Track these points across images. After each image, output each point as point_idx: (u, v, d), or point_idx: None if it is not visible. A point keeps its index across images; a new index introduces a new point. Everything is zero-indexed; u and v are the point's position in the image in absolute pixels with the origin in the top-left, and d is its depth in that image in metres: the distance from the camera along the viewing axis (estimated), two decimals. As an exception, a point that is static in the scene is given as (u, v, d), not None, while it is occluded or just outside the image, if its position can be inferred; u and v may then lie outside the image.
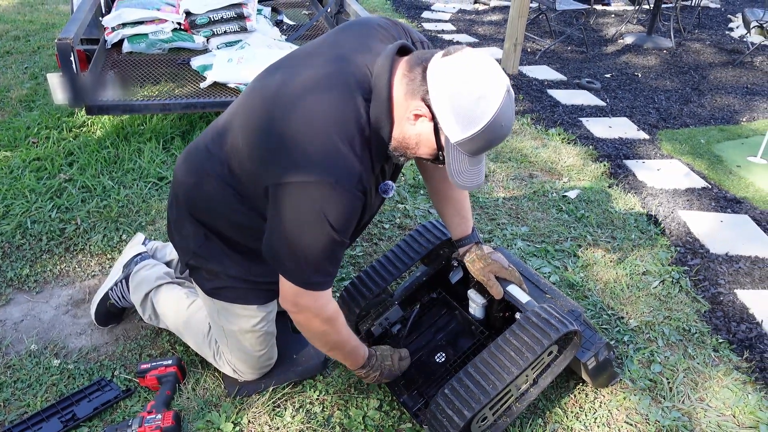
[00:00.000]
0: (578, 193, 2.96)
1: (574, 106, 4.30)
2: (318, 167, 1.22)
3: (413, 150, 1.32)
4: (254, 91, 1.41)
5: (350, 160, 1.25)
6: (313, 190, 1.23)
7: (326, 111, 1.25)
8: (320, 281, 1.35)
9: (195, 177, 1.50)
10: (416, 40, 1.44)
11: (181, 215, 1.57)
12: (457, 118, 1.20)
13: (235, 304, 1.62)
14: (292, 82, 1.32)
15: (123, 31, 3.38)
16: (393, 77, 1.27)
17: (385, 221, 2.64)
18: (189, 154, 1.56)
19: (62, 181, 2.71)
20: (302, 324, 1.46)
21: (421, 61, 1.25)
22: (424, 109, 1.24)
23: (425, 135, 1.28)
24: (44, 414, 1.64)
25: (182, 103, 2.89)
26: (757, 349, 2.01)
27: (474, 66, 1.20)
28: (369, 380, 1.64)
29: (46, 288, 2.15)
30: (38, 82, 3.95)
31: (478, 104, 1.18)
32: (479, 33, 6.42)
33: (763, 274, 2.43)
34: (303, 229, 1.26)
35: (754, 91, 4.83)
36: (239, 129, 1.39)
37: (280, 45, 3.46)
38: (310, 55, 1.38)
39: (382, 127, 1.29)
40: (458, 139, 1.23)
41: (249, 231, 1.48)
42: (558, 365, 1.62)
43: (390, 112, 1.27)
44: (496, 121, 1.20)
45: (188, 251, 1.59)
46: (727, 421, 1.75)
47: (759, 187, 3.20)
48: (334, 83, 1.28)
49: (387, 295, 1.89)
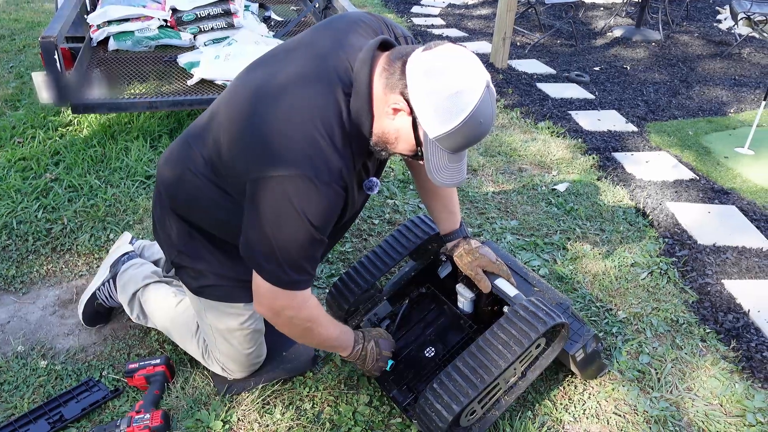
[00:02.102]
0: (567, 186, 2.97)
1: (563, 99, 4.31)
2: (297, 161, 1.21)
3: (393, 146, 1.31)
4: (236, 87, 1.41)
5: (330, 154, 1.24)
6: (291, 183, 1.22)
7: (306, 106, 1.24)
8: (297, 280, 1.33)
9: (178, 173, 1.49)
10: (399, 35, 1.44)
11: (165, 213, 1.57)
12: (435, 113, 1.19)
13: (222, 303, 1.61)
14: (273, 77, 1.31)
15: (108, 29, 3.35)
16: (373, 72, 1.26)
17: (375, 217, 2.64)
18: (172, 151, 1.55)
19: (48, 180, 2.69)
20: (283, 326, 1.45)
21: (401, 56, 1.24)
22: (403, 104, 1.22)
23: (404, 130, 1.26)
24: (31, 415, 1.62)
25: (169, 100, 2.87)
26: (744, 339, 2.03)
27: (454, 60, 1.18)
28: (370, 360, 1.60)
29: (32, 289, 2.14)
30: (23, 81, 3.91)
31: (456, 99, 1.17)
32: (468, 27, 6.41)
33: (749, 264, 2.45)
34: (280, 224, 1.25)
35: (741, 83, 4.85)
36: (221, 125, 1.38)
37: (267, 41, 3.44)
38: (291, 51, 1.37)
39: (362, 122, 1.28)
40: (436, 135, 1.21)
41: (233, 228, 1.47)
42: (546, 358, 1.62)
43: (370, 106, 1.26)
44: (474, 116, 1.18)
45: (173, 249, 1.58)
46: (714, 410, 1.76)
47: (746, 178, 3.22)
48: (315, 78, 1.27)
49: (376, 290, 1.89)
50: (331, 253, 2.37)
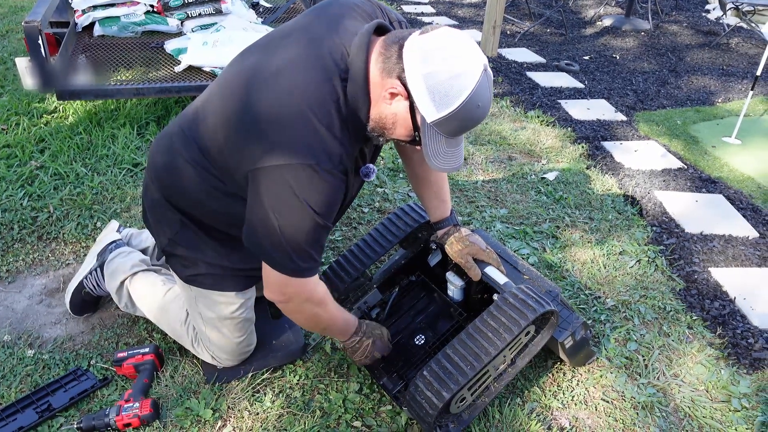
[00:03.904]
0: (557, 175, 2.97)
1: (552, 88, 4.31)
2: (296, 150, 1.20)
3: (390, 131, 1.30)
4: (230, 74, 1.39)
5: (329, 141, 1.23)
6: (292, 172, 1.21)
7: (303, 92, 1.23)
8: (306, 267, 1.33)
9: (170, 161, 1.47)
10: (393, 19, 1.42)
11: (156, 201, 1.55)
12: (432, 97, 1.18)
13: (213, 291, 1.61)
14: (267, 64, 1.29)
15: (94, 14, 3.30)
16: (369, 56, 1.24)
17: (365, 205, 2.64)
18: (164, 139, 1.53)
19: (33, 168, 2.65)
20: (292, 312, 1.44)
21: (397, 40, 1.23)
22: (400, 88, 1.21)
23: (401, 114, 1.26)
24: (19, 405, 1.61)
25: (156, 87, 2.84)
26: (730, 326, 2.06)
27: (451, 44, 1.17)
28: (360, 352, 1.60)
29: (18, 278, 2.11)
30: (7, 67, 3.84)
31: (453, 83, 1.16)
32: (459, 15, 6.39)
33: (736, 252, 2.47)
34: (285, 213, 1.24)
35: (729, 73, 4.88)
36: (215, 113, 1.37)
37: (256, 27, 3.41)
38: (286, 37, 1.35)
39: (359, 107, 1.27)
40: (434, 119, 1.21)
41: (225, 216, 1.46)
42: (535, 345, 1.63)
43: (367, 91, 1.25)
44: (472, 100, 1.18)
45: (164, 238, 1.57)
46: (700, 396, 1.78)
47: (733, 167, 3.25)
48: (311, 64, 1.26)
49: (366, 278, 1.89)
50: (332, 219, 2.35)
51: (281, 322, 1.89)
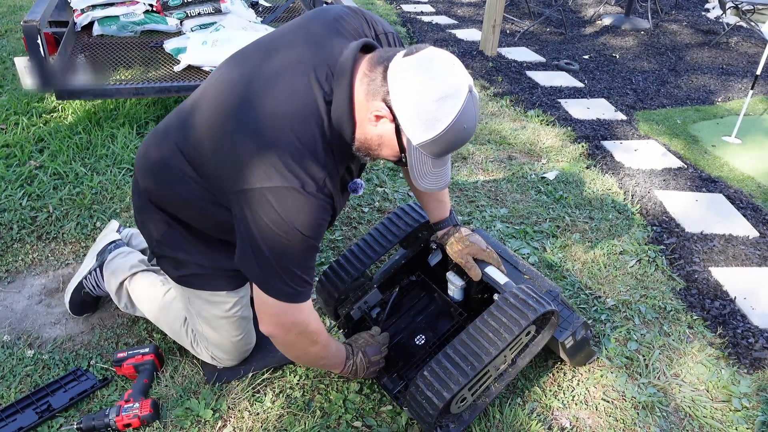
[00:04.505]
0: (557, 175, 2.97)
1: (552, 87, 4.31)
2: (281, 172, 1.19)
3: (376, 151, 1.29)
4: (217, 85, 1.36)
5: (312, 165, 1.21)
6: (278, 194, 1.20)
7: (287, 116, 1.22)
8: (300, 291, 1.32)
9: (156, 166, 1.46)
10: (380, 32, 1.41)
11: (144, 203, 1.54)
12: (418, 120, 1.17)
13: (205, 291, 1.60)
14: (252, 83, 1.28)
15: (93, 13, 3.30)
16: (354, 77, 1.23)
17: (365, 204, 2.63)
18: (151, 142, 1.51)
19: (33, 168, 2.64)
20: (290, 346, 1.44)
21: (382, 61, 1.21)
22: (385, 111, 1.20)
23: (387, 136, 1.24)
24: (19, 405, 1.61)
25: (156, 87, 2.83)
26: (730, 326, 2.05)
27: (436, 66, 1.16)
28: (362, 370, 1.60)
29: (18, 278, 2.11)
30: (6, 66, 3.84)
31: (439, 106, 1.15)
32: (458, 14, 6.38)
33: (736, 251, 2.47)
34: (273, 237, 1.23)
35: (729, 72, 4.88)
36: (203, 124, 1.35)
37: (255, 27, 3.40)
38: (271, 52, 1.32)
39: (344, 129, 1.26)
40: (420, 141, 1.20)
41: (212, 222, 1.45)
42: (536, 345, 1.63)
43: (351, 113, 1.24)
44: (458, 122, 1.17)
45: (152, 239, 1.57)
46: (701, 395, 1.78)
47: (733, 166, 3.24)
48: (296, 86, 1.24)
49: (366, 278, 1.89)
50: (321, 241, 2.36)
51: (281, 322, 1.89)
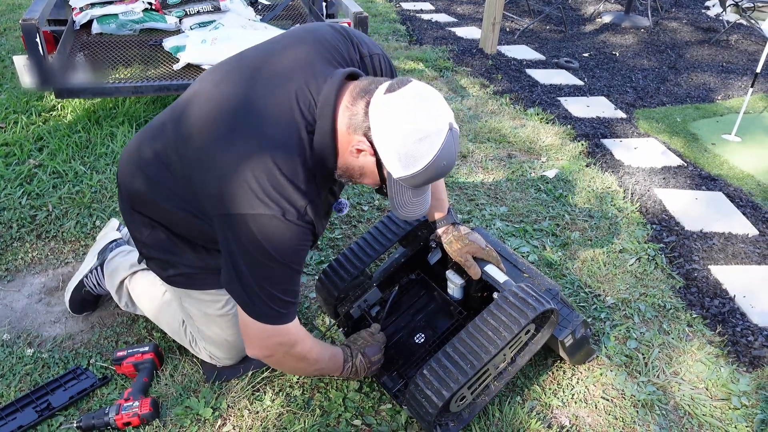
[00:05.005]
0: (556, 173, 2.97)
1: (552, 85, 4.31)
2: (263, 200, 1.20)
3: (357, 179, 1.32)
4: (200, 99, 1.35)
5: (294, 194, 1.22)
6: (259, 222, 1.21)
7: (270, 145, 1.22)
8: (284, 313, 1.33)
9: (136, 174, 1.46)
10: (365, 54, 1.41)
11: (127, 208, 1.54)
12: (398, 158, 1.19)
13: (195, 290, 1.60)
14: (238, 109, 1.27)
15: (92, 12, 3.29)
16: (337, 109, 1.24)
17: (364, 203, 2.63)
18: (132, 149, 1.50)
19: (32, 166, 2.64)
20: (278, 365, 1.46)
21: (364, 94, 1.22)
22: (366, 145, 1.22)
23: (368, 168, 1.27)
24: (18, 404, 1.61)
25: (155, 85, 2.83)
26: (730, 324, 2.06)
27: (416, 105, 1.17)
28: (363, 371, 1.60)
29: (17, 276, 2.11)
30: (5, 65, 3.83)
31: (420, 144, 1.17)
32: (458, 12, 6.38)
33: (735, 250, 2.47)
34: (255, 263, 1.25)
35: (729, 70, 4.88)
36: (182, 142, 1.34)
37: (254, 25, 3.40)
38: (256, 71, 1.32)
39: (326, 158, 1.27)
40: (400, 176, 1.22)
41: (192, 229, 1.45)
42: (536, 343, 1.63)
43: (334, 144, 1.26)
44: (437, 160, 1.20)
45: (138, 241, 1.57)
46: (700, 393, 1.78)
47: (733, 164, 3.24)
48: (279, 116, 1.25)
49: (365, 277, 1.89)
50: (321, 240, 2.36)
51: (281, 320, 1.89)
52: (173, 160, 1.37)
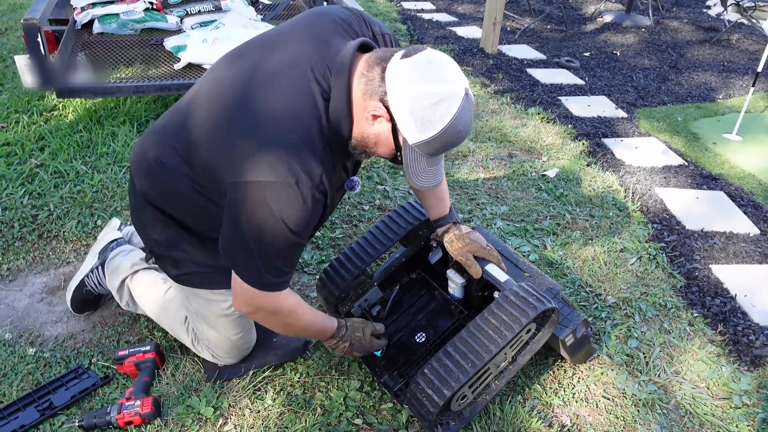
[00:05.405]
0: (557, 172, 2.97)
1: (553, 84, 4.31)
2: (277, 169, 1.20)
3: (372, 149, 1.32)
4: (213, 83, 1.37)
5: (310, 161, 1.23)
6: (271, 190, 1.21)
7: (286, 112, 1.23)
8: (276, 282, 1.34)
9: (152, 165, 1.47)
10: (377, 33, 1.42)
11: (140, 202, 1.55)
12: (414, 121, 1.20)
13: (203, 289, 1.61)
14: (251, 78, 1.29)
15: (93, 11, 3.29)
16: (352, 76, 1.25)
17: (365, 202, 2.63)
18: (146, 142, 1.52)
19: (33, 166, 2.65)
20: (261, 321, 1.47)
21: (380, 61, 1.23)
22: (382, 110, 1.23)
23: (383, 135, 1.27)
24: (20, 403, 1.61)
25: (156, 85, 2.83)
26: (731, 323, 2.06)
27: (433, 68, 1.18)
28: (338, 351, 1.62)
29: (19, 276, 2.11)
30: (6, 64, 3.84)
31: (436, 108, 1.18)
32: (459, 12, 6.37)
33: (737, 249, 2.47)
34: (260, 230, 1.24)
35: (730, 69, 4.87)
36: (199, 121, 1.36)
37: (255, 25, 3.40)
38: (269, 51, 1.34)
39: (341, 127, 1.28)
40: (416, 141, 1.22)
41: (207, 221, 1.45)
42: (536, 343, 1.63)
43: (349, 111, 1.26)
44: (453, 124, 1.20)
45: (150, 239, 1.57)
46: (701, 393, 1.78)
47: (734, 163, 3.24)
48: (295, 83, 1.26)
49: (366, 276, 1.89)
50: (322, 240, 2.36)
51: (282, 319, 1.89)
52: (188, 140, 1.38)
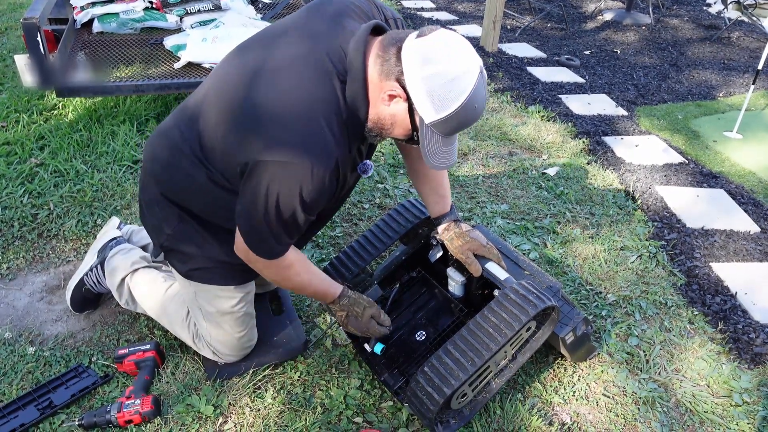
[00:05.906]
0: (557, 170, 2.97)
1: (553, 83, 4.30)
2: (298, 148, 1.23)
3: (388, 130, 1.33)
4: (226, 71, 1.39)
5: (328, 142, 1.25)
6: (289, 170, 1.24)
7: (304, 93, 1.25)
8: (278, 250, 1.39)
9: (167, 158, 1.48)
10: (389, 17, 1.44)
11: (154, 197, 1.55)
12: (431, 100, 1.21)
13: (212, 285, 1.61)
14: (266, 63, 1.30)
15: (92, 11, 3.29)
16: (367, 58, 1.26)
17: (365, 201, 2.63)
18: (160, 135, 1.53)
19: (33, 165, 2.65)
20: (258, 270, 1.49)
21: (395, 41, 1.24)
22: (399, 90, 1.24)
23: (400, 115, 1.28)
24: (20, 402, 1.61)
25: (156, 84, 2.83)
26: (731, 321, 2.05)
27: (448, 47, 1.20)
28: (337, 318, 1.64)
29: (19, 275, 2.11)
30: (6, 64, 3.84)
31: (452, 86, 1.19)
32: (459, 10, 6.36)
33: (737, 247, 2.47)
34: (272, 205, 1.28)
35: (730, 67, 4.86)
36: (212, 108, 1.38)
37: (255, 24, 3.39)
38: (283, 35, 1.36)
39: (358, 108, 1.29)
40: (432, 120, 1.24)
41: (223, 211, 1.46)
42: (537, 341, 1.63)
43: (365, 92, 1.28)
44: (469, 102, 1.21)
45: (162, 234, 1.57)
46: (701, 390, 1.78)
47: (734, 161, 3.24)
48: (311, 65, 1.27)
49: (366, 274, 1.89)
50: (322, 238, 2.36)
51: (282, 318, 1.89)
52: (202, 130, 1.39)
